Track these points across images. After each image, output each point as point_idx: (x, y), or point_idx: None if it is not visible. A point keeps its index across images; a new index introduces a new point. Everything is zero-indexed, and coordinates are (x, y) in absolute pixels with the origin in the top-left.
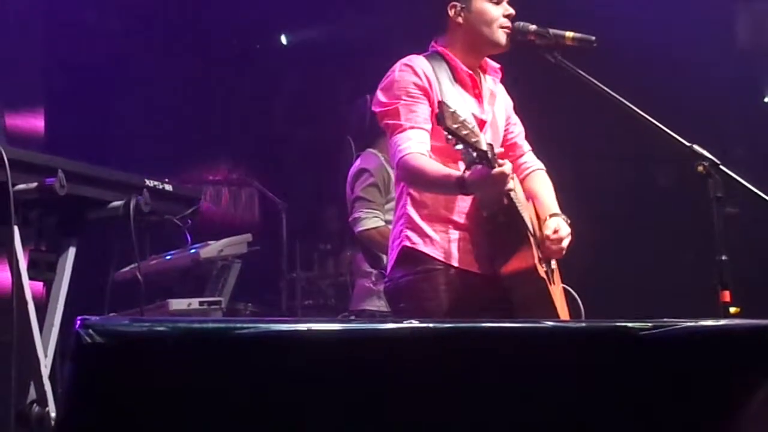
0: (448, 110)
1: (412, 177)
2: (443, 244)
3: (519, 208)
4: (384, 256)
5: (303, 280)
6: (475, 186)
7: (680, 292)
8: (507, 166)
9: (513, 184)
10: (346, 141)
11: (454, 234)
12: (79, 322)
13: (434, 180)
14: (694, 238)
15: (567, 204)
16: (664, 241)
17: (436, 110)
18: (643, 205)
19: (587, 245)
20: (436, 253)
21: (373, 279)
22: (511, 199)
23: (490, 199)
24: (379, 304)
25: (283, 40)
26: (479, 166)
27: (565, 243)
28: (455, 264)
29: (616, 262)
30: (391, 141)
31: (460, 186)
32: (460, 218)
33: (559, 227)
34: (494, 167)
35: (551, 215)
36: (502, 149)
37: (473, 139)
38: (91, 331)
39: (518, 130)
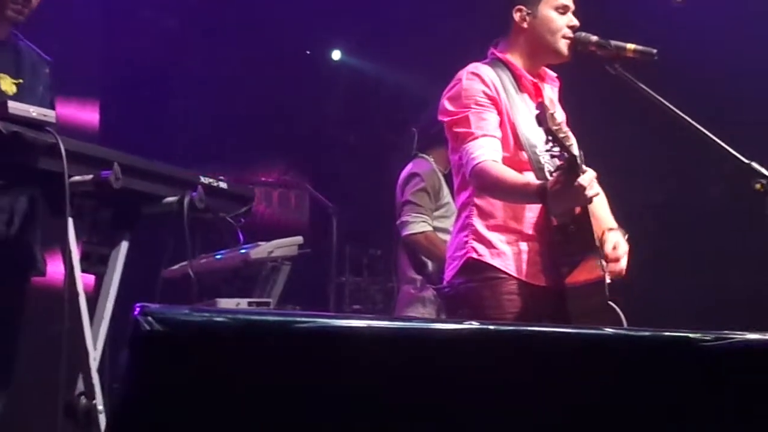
0: (548, 112)
1: (489, 185)
2: (511, 255)
3: (590, 217)
4: (429, 262)
5: (352, 285)
6: (556, 195)
7: (734, 310)
8: (591, 173)
9: (597, 188)
10: (410, 132)
11: (522, 245)
12: (138, 309)
13: (512, 188)
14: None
15: (615, 219)
16: (717, 259)
17: (537, 111)
18: (695, 221)
19: (634, 262)
20: (503, 265)
21: (418, 285)
22: (585, 209)
23: (565, 209)
24: (423, 311)
25: (335, 56)
26: (561, 176)
27: (624, 260)
28: (521, 276)
29: (666, 279)
30: (462, 150)
31: (540, 195)
32: (528, 229)
33: (618, 244)
34: (579, 175)
35: (609, 229)
36: None
37: (568, 143)
38: (150, 318)
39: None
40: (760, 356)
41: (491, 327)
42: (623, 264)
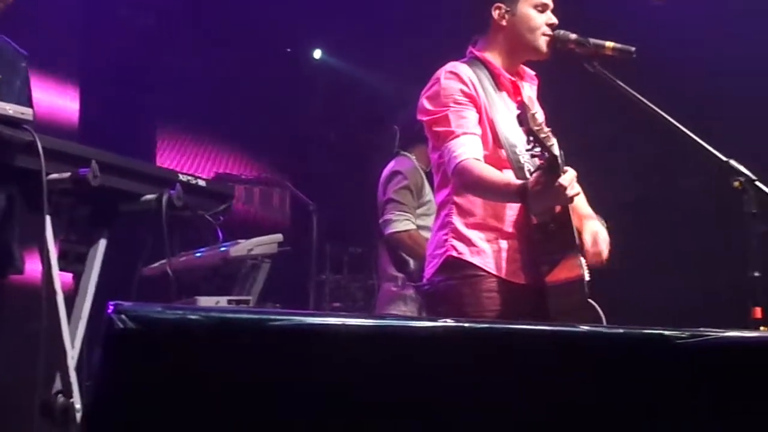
0: (530, 112)
1: (470, 183)
2: (490, 254)
3: (571, 216)
4: (411, 261)
5: (332, 283)
6: (536, 194)
7: (710, 308)
8: (572, 173)
9: (578, 188)
10: (391, 130)
11: (502, 243)
12: (111, 307)
13: (493, 187)
14: (725, 254)
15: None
16: (694, 256)
17: (518, 111)
18: (672, 219)
19: (614, 260)
20: (482, 263)
21: (399, 283)
22: (565, 207)
23: (545, 208)
24: (404, 309)
25: (317, 54)
26: (541, 175)
27: (605, 250)
28: (501, 274)
29: (643, 277)
30: (443, 148)
31: (521, 194)
32: (508, 227)
33: (596, 234)
34: (560, 174)
35: (587, 218)
36: None
37: (549, 143)
38: (123, 316)
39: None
40: (736, 354)
41: (466, 324)
42: (604, 255)
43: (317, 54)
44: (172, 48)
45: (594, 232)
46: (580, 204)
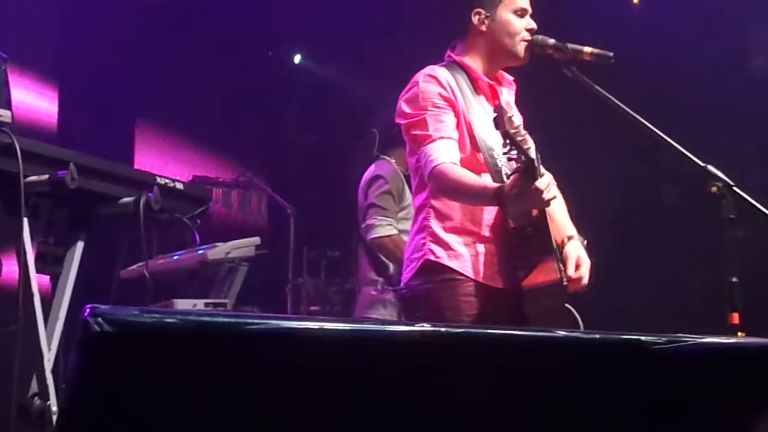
0: (506, 115)
1: (447, 187)
2: (468, 258)
3: (548, 220)
4: (391, 265)
5: (309, 286)
6: (513, 198)
7: (688, 313)
8: (548, 176)
9: (555, 191)
10: (370, 134)
11: (480, 247)
12: (87, 310)
13: (470, 190)
14: (702, 259)
15: (572, 222)
16: (672, 261)
17: (495, 115)
18: (650, 224)
19: (592, 264)
20: (460, 267)
21: (379, 287)
22: (542, 211)
23: (522, 211)
24: (384, 313)
25: (296, 59)
26: (518, 179)
27: (586, 277)
28: (479, 278)
29: (621, 281)
30: (420, 152)
31: (497, 197)
32: (486, 231)
33: (580, 260)
34: (537, 178)
35: (569, 237)
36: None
37: (525, 146)
38: (99, 319)
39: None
40: (713, 359)
41: (443, 329)
42: (585, 281)
43: (297, 59)
44: (151, 51)
45: (577, 257)
46: (562, 221)
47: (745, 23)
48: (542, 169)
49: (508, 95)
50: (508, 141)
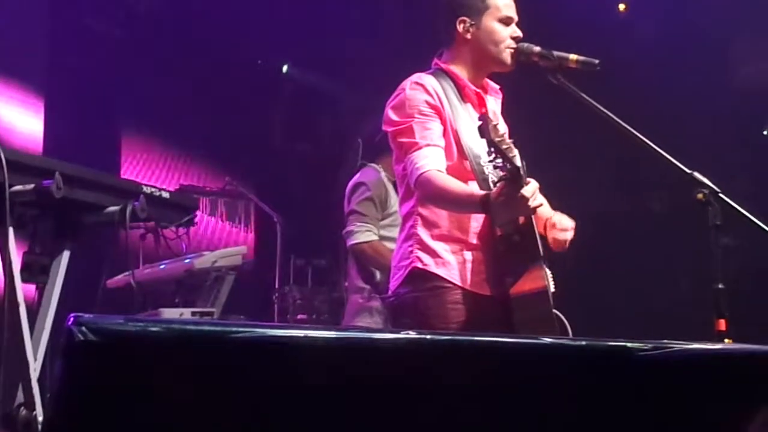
0: (491, 123)
1: (433, 194)
2: (455, 265)
3: (534, 227)
4: (377, 272)
5: (296, 295)
6: (500, 205)
7: (675, 320)
8: (534, 184)
9: (541, 199)
10: (354, 143)
11: (467, 255)
12: (71, 319)
13: (456, 198)
14: (689, 266)
15: None
16: (658, 268)
17: (479, 123)
18: (636, 231)
19: (580, 271)
20: (447, 275)
21: (366, 295)
22: (529, 219)
23: (508, 219)
24: (370, 321)
25: (284, 69)
26: (504, 186)
27: (570, 232)
28: (466, 286)
29: (607, 288)
30: (406, 159)
31: (484, 205)
32: (473, 238)
33: (562, 219)
34: (523, 185)
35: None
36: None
37: (510, 155)
38: (84, 328)
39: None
40: (699, 366)
41: (429, 336)
42: (569, 235)
43: (284, 68)
44: (138, 60)
45: (560, 217)
46: (544, 211)
47: (732, 32)
48: (527, 178)
49: (494, 104)
50: (492, 149)
